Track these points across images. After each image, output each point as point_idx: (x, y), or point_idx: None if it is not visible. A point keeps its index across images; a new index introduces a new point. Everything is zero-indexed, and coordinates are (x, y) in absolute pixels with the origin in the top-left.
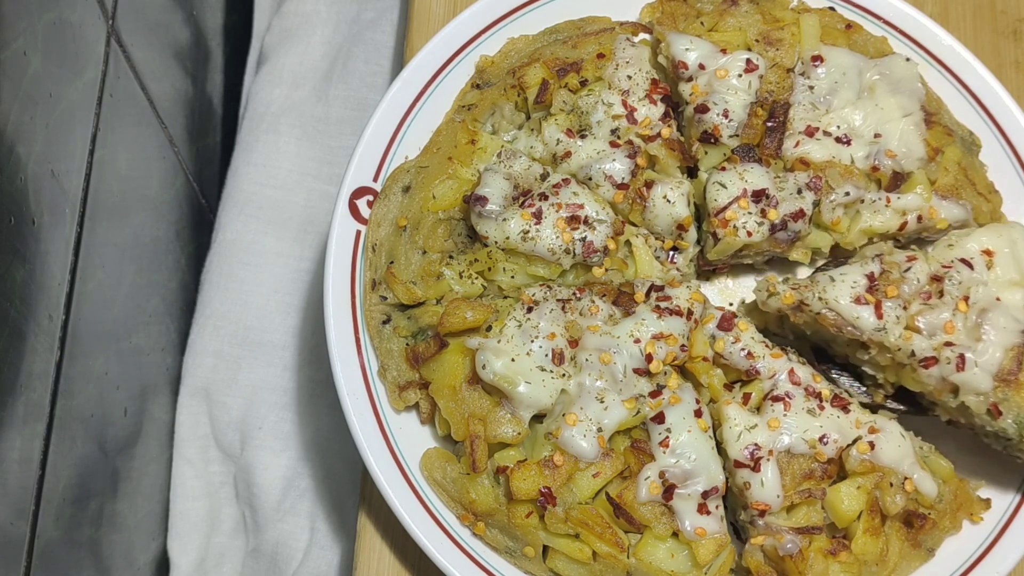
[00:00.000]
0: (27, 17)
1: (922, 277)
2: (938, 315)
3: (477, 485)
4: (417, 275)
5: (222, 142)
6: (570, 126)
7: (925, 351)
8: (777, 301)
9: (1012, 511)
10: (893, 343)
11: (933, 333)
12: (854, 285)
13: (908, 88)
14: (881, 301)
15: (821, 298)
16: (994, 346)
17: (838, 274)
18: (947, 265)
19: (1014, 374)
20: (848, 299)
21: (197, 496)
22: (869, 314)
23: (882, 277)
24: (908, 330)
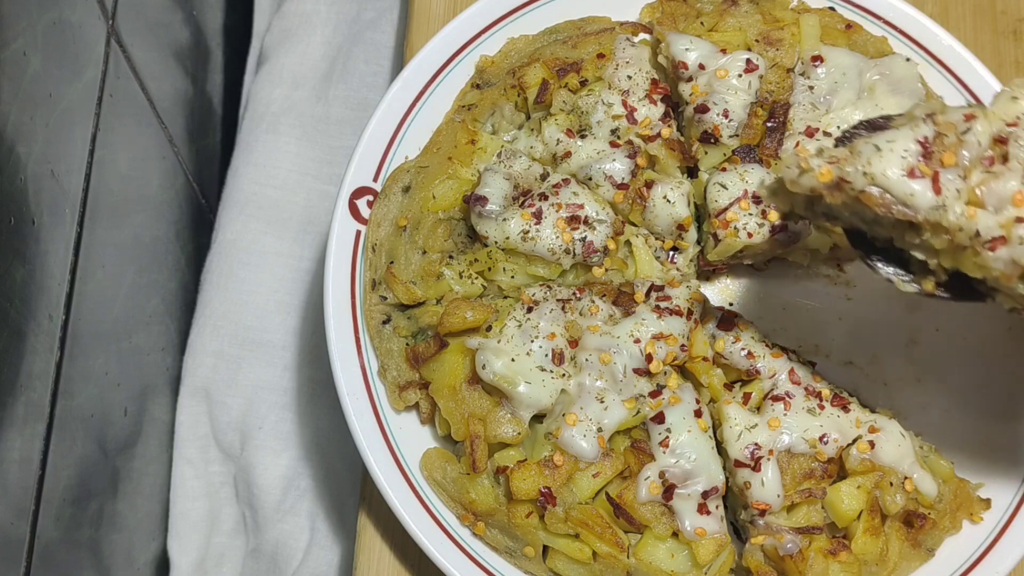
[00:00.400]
0: (27, 17)
1: (983, 139)
2: (1005, 184)
3: (477, 485)
4: (417, 275)
5: (222, 142)
6: (570, 126)
7: (992, 230)
8: (811, 179)
9: (1012, 511)
10: (954, 222)
11: (1000, 207)
12: (905, 154)
13: (908, 88)
14: (938, 172)
15: (866, 172)
16: None
17: (883, 141)
18: (1012, 123)
19: None
20: (899, 171)
21: (197, 496)
22: (925, 188)
23: (936, 142)
24: (970, 205)
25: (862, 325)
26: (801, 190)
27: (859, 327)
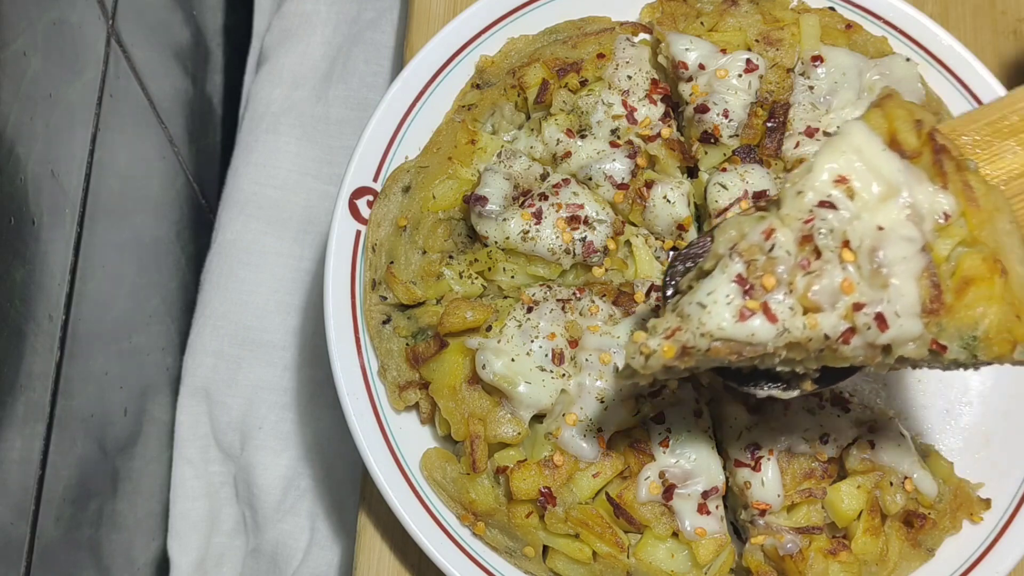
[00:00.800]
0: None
1: (791, 248)
2: (829, 279)
3: (477, 485)
4: (417, 275)
5: (222, 142)
6: (570, 126)
7: (837, 327)
8: (657, 359)
9: (1012, 511)
10: (801, 337)
11: (835, 301)
12: (728, 299)
13: (908, 88)
14: (766, 302)
15: (701, 333)
16: (904, 283)
17: (704, 296)
18: (808, 219)
19: (938, 300)
20: (731, 318)
21: (197, 496)
22: (761, 323)
23: (750, 272)
24: (808, 313)
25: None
26: (654, 371)
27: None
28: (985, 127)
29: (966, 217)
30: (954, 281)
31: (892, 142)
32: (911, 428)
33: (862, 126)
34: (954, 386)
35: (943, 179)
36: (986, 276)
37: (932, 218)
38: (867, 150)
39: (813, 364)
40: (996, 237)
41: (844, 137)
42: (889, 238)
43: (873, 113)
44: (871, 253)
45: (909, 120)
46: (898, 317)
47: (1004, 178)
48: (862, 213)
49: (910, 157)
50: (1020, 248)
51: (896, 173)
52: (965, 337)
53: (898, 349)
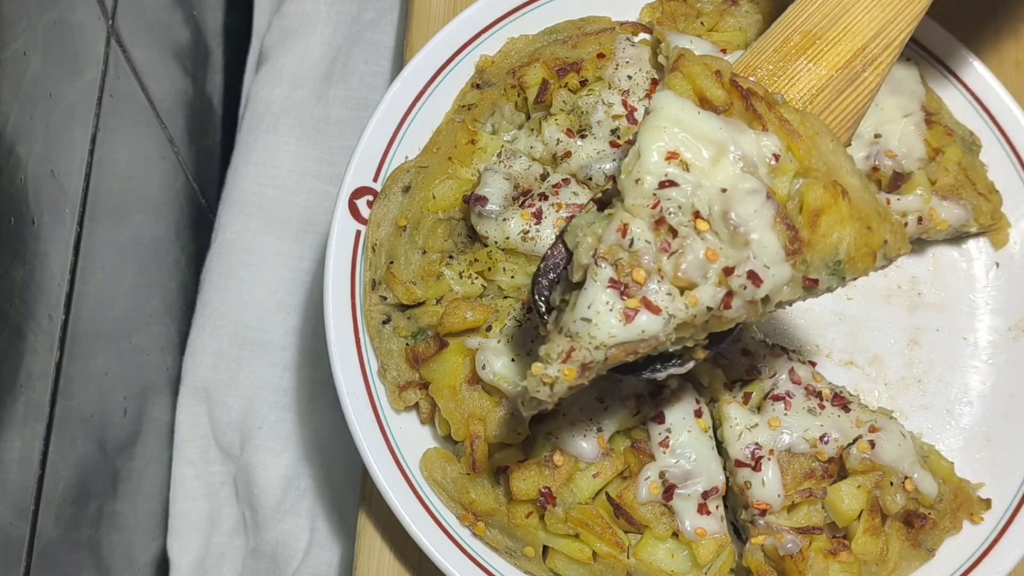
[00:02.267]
0: (27, 17)
1: (648, 236)
2: (693, 254)
3: (477, 485)
4: (417, 275)
5: (222, 142)
6: (570, 126)
7: (716, 295)
8: (562, 385)
9: (1012, 511)
10: (687, 317)
11: (705, 272)
12: (609, 305)
13: (908, 88)
14: (644, 297)
15: (596, 347)
16: (762, 235)
17: (585, 309)
18: (654, 204)
19: (796, 239)
20: (617, 323)
21: (197, 496)
22: (647, 319)
23: (619, 272)
24: (686, 292)
25: (862, 325)
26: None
27: (859, 327)
28: (773, 55)
29: (792, 151)
30: (804, 216)
31: (702, 101)
32: (911, 428)
33: (671, 95)
34: (954, 386)
35: (760, 122)
36: (831, 202)
37: (764, 162)
38: (684, 118)
39: (701, 335)
40: (825, 159)
41: (658, 113)
42: (735, 197)
43: (674, 78)
44: (724, 217)
45: (709, 74)
46: (768, 268)
47: (807, 98)
48: (702, 181)
49: (723, 111)
50: (848, 161)
51: (718, 131)
52: (830, 264)
53: (776, 296)
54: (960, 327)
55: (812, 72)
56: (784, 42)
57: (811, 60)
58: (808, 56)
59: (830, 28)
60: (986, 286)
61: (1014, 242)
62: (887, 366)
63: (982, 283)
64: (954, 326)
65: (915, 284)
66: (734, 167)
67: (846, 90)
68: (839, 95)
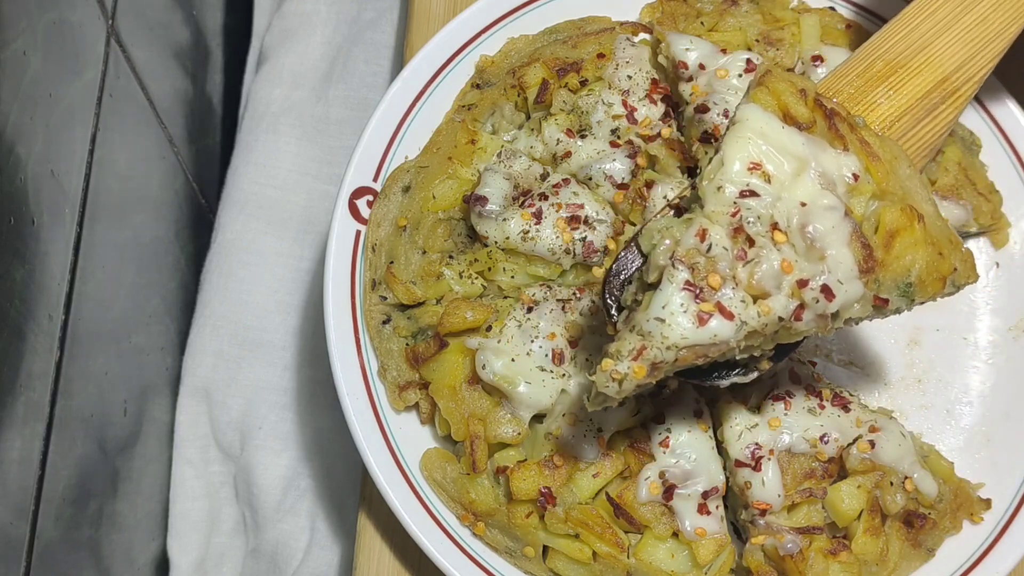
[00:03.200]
0: (27, 17)
1: (726, 243)
2: (769, 264)
3: (477, 485)
4: (417, 275)
5: (222, 142)
6: (570, 126)
7: (788, 306)
8: (631, 382)
9: (1012, 511)
10: (758, 326)
11: (779, 283)
12: (683, 308)
13: None
14: (719, 302)
15: (667, 347)
16: (838, 251)
17: (659, 309)
18: (734, 212)
19: (870, 258)
20: (691, 326)
21: (197, 496)
22: (719, 323)
23: (695, 276)
24: (759, 301)
25: (862, 325)
26: (628, 393)
27: (859, 327)
28: (856, 79)
29: (871, 172)
30: (879, 236)
31: (786, 117)
32: (911, 428)
33: (757, 109)
34: (954, 386)
35: (842, 142)
36: (906, 225)
37: (843, 181)
38: (769, 131)
39: (769, 345)
40: (901, 184)
41: (744, 124)
42: (813, 211)
43: (759, 92)
44: (801, 230)
45: (794, 91)
46: (841, 284)
47: (885, 124)
48: (782, 193)
49: (806, 128)
50: (924, 189)
51: (801, 147)
52: (901, 286)
53: (846, 313)
54: (960, 327)
55: (892, 100)
56: (867, 68)
57: (892, 88)
58: (889, 84)
59: (913, 58)
60: (986, 286)
61: (1014, 242)
62: (887, 366)
63: (982, 283)
64: (954, 326)
65: None
66: (814, 183)
67: (924, 120)
68: (917, 124)
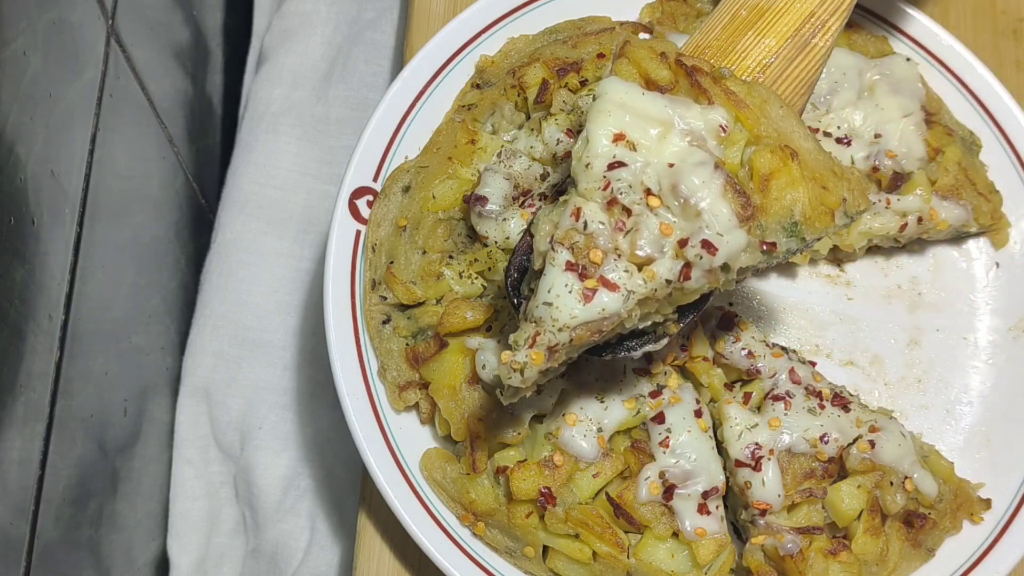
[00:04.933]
0: (27, 17)
1: (602, 218)
2: (648, 230)
3: (477, 485)
4: (417, 275)
5: (222, 142)
6: (570, 126)
7: (674, 268)
8: (532, 369)
9: (1012, 511)
10: (647, 292)
11: (661, 247)
12: (568, 287)
13: (908, 88)
14: (601, 276)
15: (559, 328)
16: (712, 204)
17: (546, 293)
18: (604, 185)
19: (748, 205)
20: (577, 303)
21: (197, 496)
22: (606, 297)
23: (576, 254)
24: (644, 268)
25: (862, 325)
26: (533, 380)
27: (859, 327)
28: (722, 32)
29: (741, 121)
30: (755, 182)
31: (648, 83)
32: (911, 428)
33: (615, 80)
34: (954, 386)
35: (706, 96)
36: (779, 165)
37: (713, 135)
38: (629, 100)
39: (668, 309)
40: (775, 126)
41: (604, 98)
42: (682, 170)
43: (620, 64)
44: (673, 190)
45: (654, 56)
46: (721, 236)
47: (757, 69)
48: (650, 158)
49: (670, 89)
50: (800, 126)
51: (663, 109)
52: (787, 226)
53: (735, 263)
54: (960, 327)
55: (761, 44)
56: (732, 18)
57: (759, 33)
58: (756, 29)
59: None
60: (986, 286)
61: (1014, 242)
62: (887, 366)
63: (982, 283)
64: (954, 326)
65: (915, 284)
66: (681, 142)
67: (796, 58)
68: (790, 64)
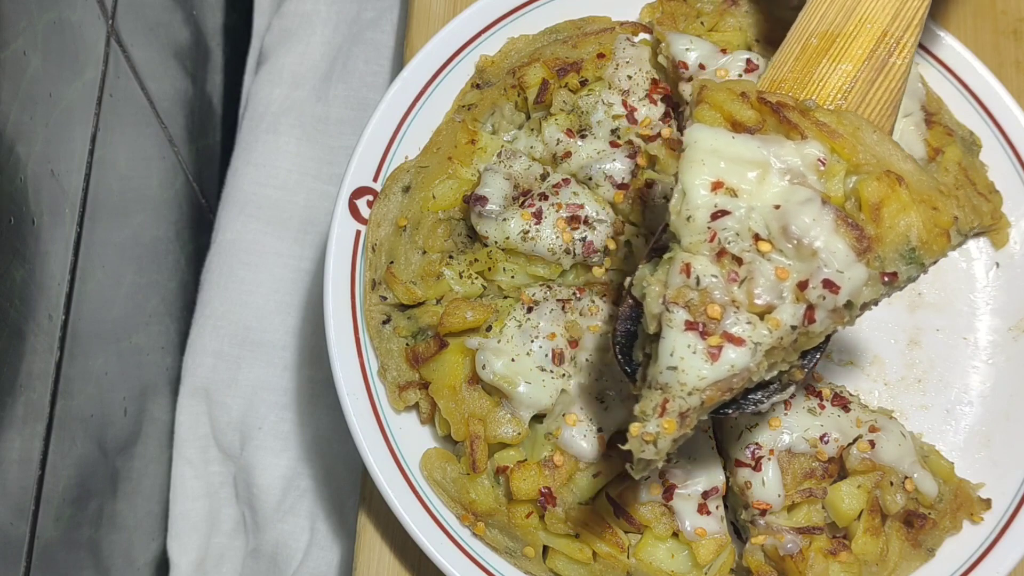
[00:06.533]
0: (27, 17)
1: (713, 271)
2: (763, 276)
3: (477, 485)
4: (417, 275)
5: (222, 142)
6: (570, 126)
7: (796, 313)
8: (665, 440)
9: (1012, 511)
10: (774, 343)
11: (780, 293)
12: (691, 348)
13: (908, 88)
14: (725, 331)
15: (688, 392)
16: (827, 241)
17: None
18: (710, 237)
19: (863, 237)
20: (704, 363)
21: (197, 496)
22: (734, 352)
23: (694, 312)
24: (767, 317)
25: (862, 325)
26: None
27: (859, 327)
28: (795, 64)
29: (837, 152)
30: (865, 212)
31: (735, 125)
32: (911, 428)
33: (702, 128)
34: (954, 386)
35: (797, 131)
36: (888, 192)
37: (812, 169)
38: (721, 146)
39: (793, 356)
40: (872, 152)
41: (693, 147)
42: (789, 210)
43: (701, 110)
44: (784, 233)
45: (735, 97)
46: (842, 273)
47: (839, 96)
48: (753, 203)
49: (758, 129)
50: (896, 149)
51: (757, 150)
52: (904, 254)
53: (858, 299)
54: (960, 327)
55: (838, 70)
56: (803, 49)
57: (834, 59)
58: (830, 56)
59: (846, 23)
60: (986, 286)
61: (1014, 242)
62: (887, 366)
63: (982, 283)
64: (954, 326)
65: (915, 284)
66: (782, 181)
67: (876, 80)
68: (871, 87)
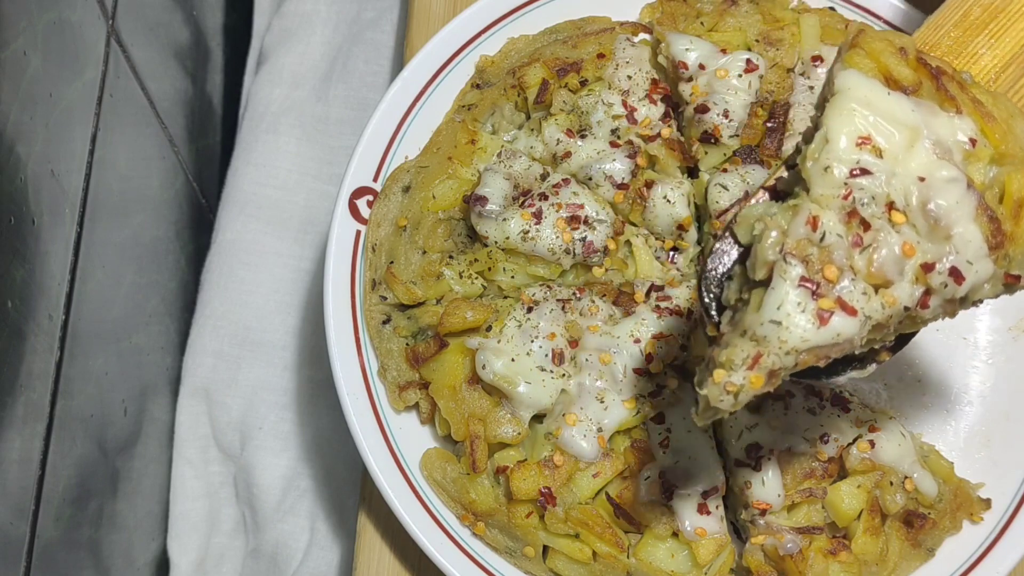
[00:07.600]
0: (27, 17)
1: (839, 229)
2: (889, 248)
3: (477, 485)
4: (417, 275)
5: (222, 142)
6: (570, 126)
7: (914, 294)
8: (747, 393)
9: (1012, 511)
10: (884, 318)
11: (902, 268)
12: (801, 307)
13: None
14: (839, 297)
15: (786, 352)
16: (965, 228)
17: (775, 311)
18: (845, 194)
19: (998, 232)
20: (810, 325)
21: (197, 496)
22: (842, 321)
23: (809, 269)
24: (882, 290)
25: None
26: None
27: None
28: (952, 29)
29: (986, 135)
30: (1006, 207)
31: (889, 80)
32: (911, 428)
33: (857, 75)
34: (954, 386)
35: (953, 103)
36: None
37: (959, 148)
38: (874, 99)
39: (891, 337)
40: (1020, 144)
41: (846, 94)
42: (934, 186)
43: (855, 55)
44: (923, 208)
45: (894, 51)
46: (971, 264)
47: (990, 76)
48: (896, 168)
49: (912, 91)
50: None
51: (911, 113)
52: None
53: (974, 295)
54: (960, 327)
55: (995, 49)
56: (964, 16)
57: (993, 36)
58: (990, 31)
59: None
60: None
61: None
62: (887, 366)
63: None
64: (954, 326)
65: None
66: (929, 153)
67: None
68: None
